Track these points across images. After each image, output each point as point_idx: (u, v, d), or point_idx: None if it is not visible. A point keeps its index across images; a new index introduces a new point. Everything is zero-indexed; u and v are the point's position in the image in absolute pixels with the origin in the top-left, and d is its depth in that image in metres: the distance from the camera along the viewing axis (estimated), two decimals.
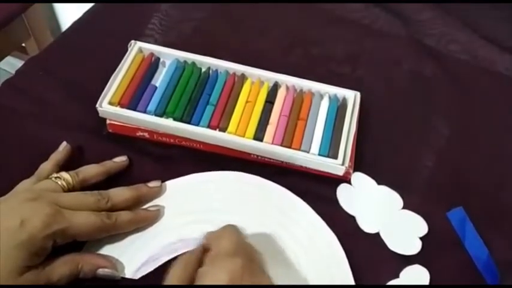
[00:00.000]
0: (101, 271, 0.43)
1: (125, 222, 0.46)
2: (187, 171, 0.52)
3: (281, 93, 0.55)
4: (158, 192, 0.49)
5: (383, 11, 0.69)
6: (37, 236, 0.40)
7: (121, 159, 0.51)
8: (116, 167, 0.50)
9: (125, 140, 0.54)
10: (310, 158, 0.51)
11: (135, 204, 0.48)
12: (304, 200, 0.51)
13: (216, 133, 0.52)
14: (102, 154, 0.52)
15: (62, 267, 0.42)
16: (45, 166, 0.48)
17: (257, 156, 0.52)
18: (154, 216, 0.48)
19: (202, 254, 0.41)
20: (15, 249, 0.39)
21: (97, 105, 0.52)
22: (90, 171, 0.48)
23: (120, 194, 0.47)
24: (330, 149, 0.51)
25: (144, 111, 0.52)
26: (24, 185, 0.46)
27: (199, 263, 0.40)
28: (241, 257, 0.38)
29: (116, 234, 0.46)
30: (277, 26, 0.67)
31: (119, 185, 0.49)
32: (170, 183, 0.50)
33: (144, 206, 0.48)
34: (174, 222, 0.48)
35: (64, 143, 0.51)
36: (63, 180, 0.46)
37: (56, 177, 0.46)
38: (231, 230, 0.42)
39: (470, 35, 0.67)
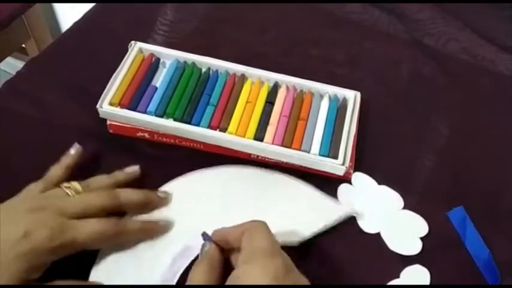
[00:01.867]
0: None
1: (134, 230, 0.45)
2: (188, 171, 0.52)
3: (281, 94, 0.55)
4: (166, 203, 0.48)
5: (382, 11, 0.69)
6: (40, 248, 0.39)
7: (133, 170, 0.49)
8: (127, 178, 0.49)
9: (125, 140, 0.54)
10: (311, 158, 0.51)
11: (141, 208, 0.47)
12: None
13: (217, 133, 0.52)
14: (103, 155, 0.52)
15: None
16: (56, 171, 0.47)
17: (257, 156, 0.52)
18: (162, 230, 0.46)
19: (222, 253, 0.41)
20: (15, 260, 0.38)
21: (97, 106, 0.52)
22: (101, 183, 0.47)
23: (130, 196, 0.46)
24: (330, 149, 0.51)
25: (145, 112, 0.52)
26: (31, 191, 0.44)
27: (223, 263, 0.40)
28: (281, 257, 0.37)
29: (127, 244, 0.45)
30: (277, 26, 0.67)
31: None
32: (172, 186, 0.50)
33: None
34: (189, 224, 0.47)
35: (76, 145, 0.49)
36: (73, 190, 0.44)
37: (66, 187, 0.44)
38: (264, 228, 0.40)
39: (470, 35, 0.67)
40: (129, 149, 0.53)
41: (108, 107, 0.52)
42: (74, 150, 0.49)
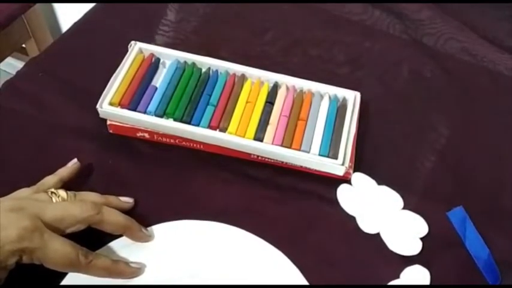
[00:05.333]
0: None
1: (100, 268, 0.42)
2: (188, 171, 0.52)
3: (281, 94, 0.55)
4: (147, 240, 0.47)
5: (382, 11, 0.69)
6: (4, 247, 0.38)
7: (127, 201, 0.48)
8: (120, 206, 0.47)
9: (125, 140, 0.54)
10: (311, 158, 0.51)
11: (121, 232, 0.45)
12: (305, 200, 0.51)
13: (217, 133, 0.52)
14: (102, 155, 0.52)
15: None
16: (49, 180, 0.47)
17: (257, 156, 0.52)
18: (132, 274, 0.45)
19: None
20: None
21: (97, 106, 0.52)
22: (90, 198, 0.46)
23: (114, 216, 0.44)
24: (330, 149, 0.51)
25: (145, 112, 0.52)
26: (19, 193, 0.44)
27: None
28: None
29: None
30: (277, 25, 0.67)
31: (117, 185, 0.49)
32: (160, 228, 0.48)
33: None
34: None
35: (74, 160, 0.49)
36: (58, 197, 0.44)
37: (52, 192, 0.44)
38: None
39: (470, 35, 0.67)
40: (129, 149, 0.53)
41: (108, 107, 0.52)
42: (71, 164, 0.49)
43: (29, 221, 0.39)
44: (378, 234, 0.49)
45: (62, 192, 0.44)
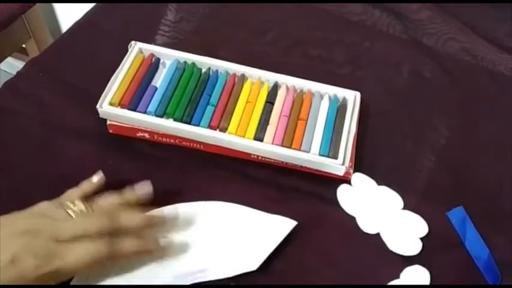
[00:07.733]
0: None
1: (130, 251, 0.43)
2: (188, 171, 0.52)
3: (281, 94, 0.55)
4: (171, 223, 0.47)
5: (382, 11, 0.69)
6: (27, 277, 0.38)
7: (145, 191, 0.47)
8: (139, 199, 0.46)
9: (125, 140, 0.54)
10: (311, 158, 0.51)
11: (142, 230, 0.45)
12: (305, 200, 0.51)
13: (217, 133, 0.52)
14: (103, 155, 0.52)
15: None
16: (72, 194, 0.45)
17: (257, 156, 0.52)
18: (162, 251, 0.45)
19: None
20: (3, 284, 0.37)
21: (97, 106, 0.52)
22: (108, 205, 0.45)
23: (131, 220, 0.44)
24: (330, 149, 0.51)
25: (145, 112, 0.52)
26: (38, 208, 0.43)
27: None
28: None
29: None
30: (277, 26, 0.67)
31: (117, 185, 0.49)
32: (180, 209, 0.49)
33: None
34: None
35: (100, 173, 0.47)
36: (77, 210, 0.43)
37: (69, 208, 0.43)
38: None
39: (470, 35, 0.67)
40: (129, 149, 0.53)
41: (108, 107, 0.52)
42: (96, 178, 0.47)
43: (45, 246, 0.39)
44: (378, 234, 0.49)
45: (80, 205, 0.44)
